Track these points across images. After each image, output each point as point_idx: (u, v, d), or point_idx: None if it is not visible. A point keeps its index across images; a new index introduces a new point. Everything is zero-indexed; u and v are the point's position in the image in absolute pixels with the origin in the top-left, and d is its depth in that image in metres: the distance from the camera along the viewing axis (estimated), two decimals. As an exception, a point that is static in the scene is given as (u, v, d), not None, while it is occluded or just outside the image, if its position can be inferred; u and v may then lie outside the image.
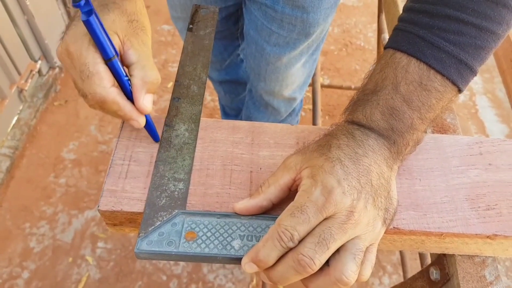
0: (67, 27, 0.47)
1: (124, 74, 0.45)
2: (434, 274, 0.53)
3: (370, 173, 0.42)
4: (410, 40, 0.45)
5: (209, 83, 1.93)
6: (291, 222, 0.39)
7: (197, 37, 0.62)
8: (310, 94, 1.85)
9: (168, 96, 1.94)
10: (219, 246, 0.42)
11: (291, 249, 0.39)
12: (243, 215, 0.45)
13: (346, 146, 0.43)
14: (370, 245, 0.41)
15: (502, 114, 1.98)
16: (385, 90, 0.45)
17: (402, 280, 1.35)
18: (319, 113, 1.37)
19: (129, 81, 0.46)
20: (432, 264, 0.54)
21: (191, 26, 0.64)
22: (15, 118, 1.74)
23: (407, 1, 0.50)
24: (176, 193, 0.47)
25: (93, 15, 0.42)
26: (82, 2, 0.41)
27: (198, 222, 0.44)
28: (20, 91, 1.74)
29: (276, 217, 0.42)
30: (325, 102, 1.96)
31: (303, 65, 1.04)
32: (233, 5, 1.01)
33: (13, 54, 1.65)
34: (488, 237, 0.47)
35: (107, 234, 1.51)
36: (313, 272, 0.39)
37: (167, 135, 0.51)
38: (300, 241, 0.39)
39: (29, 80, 1.75)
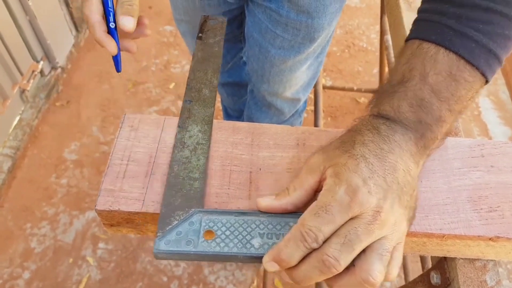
0: None
1: (110, 5, 0.56)
2: (435, 278, 0.52)
3: (396, 171, 0.40)
4: (438, 30, 0.44)
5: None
6: (315, 223, 0.37)
7: (206, 45, 0.63)
8: (312, 95, 1.85)
9: (170, 98, 1.94)
10: (239, 245, 0.41)
11: (314, 249, 0.38)
12: (262, 213, 0.44)
13: (371, 142, 0.41)
14: (397, 244, 0.40)
15: (505, 117, 1.97)
16: (412, 81, 0.43)
17: (403, 283, 1.34)
18: (321, 114, 1.36)
19: (111, 13, 0.56)
20: (432, 268, 0.53)
21: (200, 34, 0.64)
22: (17, 119, 1.74)
23: None
24: (192, 192, 0.46)
25: None
26: None
27: (216, 220, 0.43)
28: (22, 91, 1.74)
29: (295, 214, 0.41)
30: (327, 104, 1.96)
31: (308, 68, 1.03)
32: (236, 9, 1.01)
33: (15, 54, 1.65)
34: (490, 239, 0.46)
35: (108, 235, 1.51)
36: (338, 273, 0.38)
37: (180, 136, 0.51)
38: (325, 241, 0.38)
39: (31, 81, 1.76)
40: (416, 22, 0.48)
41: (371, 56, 2.17)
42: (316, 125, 1.36)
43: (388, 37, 1.38)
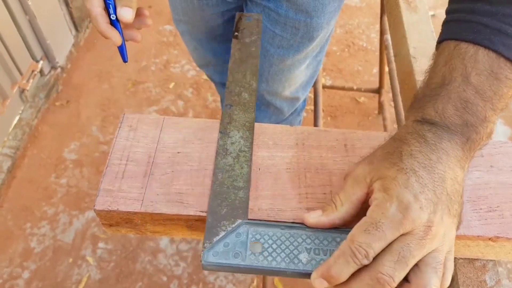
0: None
1: None
2: (435, 277, 0.52)
3: (445, 181, 0.40)
4: (474, 29, 0.43)
5: (211, 84, 1.92)
6: (366, 239, 0.37)
7: (243, 45, 0.62)
8: (311, 95, 1.85)
9: (169, 97, 1.94)
10: (286, 260, 0.41)
11: (365, 266, 0.38)
12: (308, 226, 0.44)
13: (419, 153, 0.41)
14: (447, 253, 0.40)
15: (506, 116, 1.97)
16: (455, 83, 0.43)
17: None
18: (321, 114, 1.36)
19: (111, 5, 0.59)
20: (432, 267, 0.53)
21: (236, 33, 0.63)
22: (17, 118, 1.74)
23: None
24: (237, 201, 0.46)
25: None
26: None
27: (262, 233, 0.43)
28: (22, 91, 1.74)
29: (342, 230, 0.41)
30: (327, 103, 1.95)
31: (307, 67, 1.03)
32: (235, 8, 1.01)
33: (15, 54, 1.65)
34: (490, 239, 0.46)
35: (107, 234, 1.51)
36: None
37: (223, 143, 0.51)
38: (375, 257, 0.38)
39: (31, 80, 1.75)
40: (447, 23, 0.47)
41: (371, 56, 2.17)
42: (315, 124, 1.36)
43: (388, 36, 1.38)
